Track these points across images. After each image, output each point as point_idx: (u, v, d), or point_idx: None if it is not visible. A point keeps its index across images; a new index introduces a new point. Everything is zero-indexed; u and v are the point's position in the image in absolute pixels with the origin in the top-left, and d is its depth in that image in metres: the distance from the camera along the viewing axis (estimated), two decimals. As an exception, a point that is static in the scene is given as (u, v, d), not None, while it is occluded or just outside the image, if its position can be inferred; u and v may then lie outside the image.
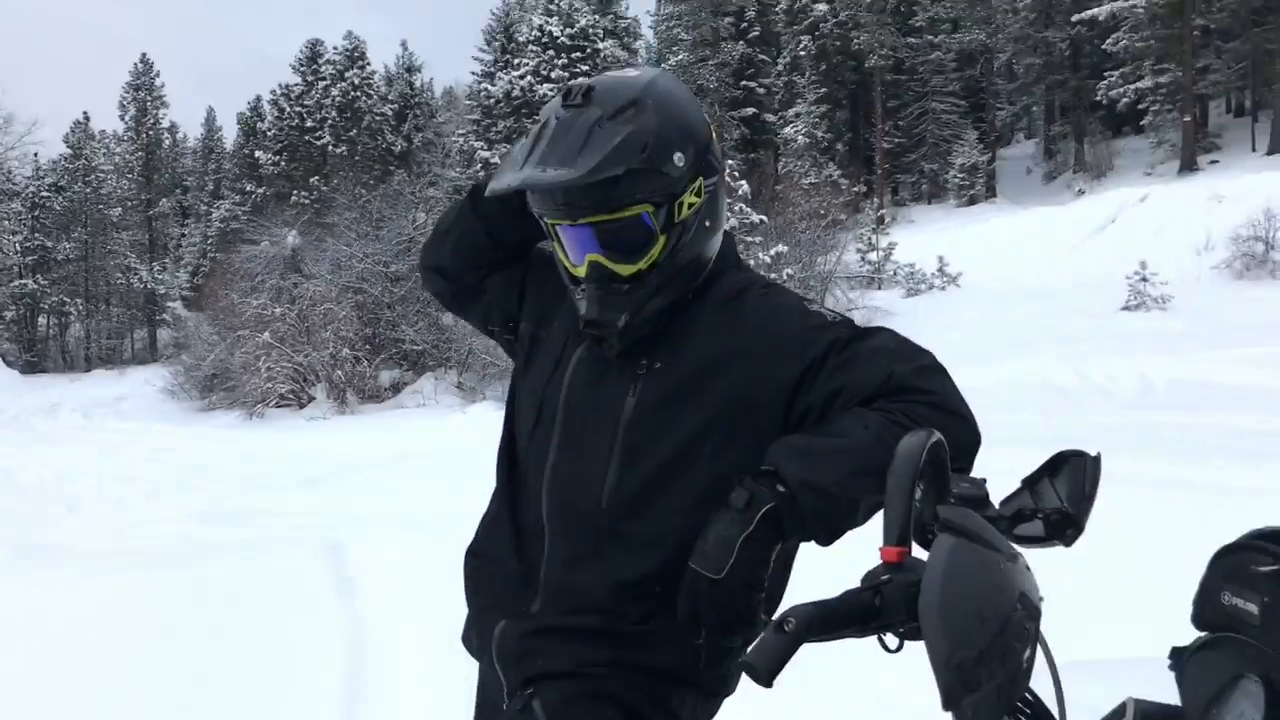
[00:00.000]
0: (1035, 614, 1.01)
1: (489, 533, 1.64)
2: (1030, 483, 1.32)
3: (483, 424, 18.30)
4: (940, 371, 1.42)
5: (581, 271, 1.50)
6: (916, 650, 1.05)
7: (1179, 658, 1.32)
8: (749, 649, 1.04)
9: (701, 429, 1.46)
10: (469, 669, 1.72)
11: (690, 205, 1.49)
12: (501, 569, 1.57)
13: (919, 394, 1.37)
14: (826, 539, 1.32)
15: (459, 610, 1.71)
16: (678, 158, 1.44)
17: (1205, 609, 1.29)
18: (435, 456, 14.23)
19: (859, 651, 1.28)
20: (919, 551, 1.07)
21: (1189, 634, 1.48)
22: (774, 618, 1.05)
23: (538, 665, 1.47)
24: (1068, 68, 42.68)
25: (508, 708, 1.48)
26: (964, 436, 1.35)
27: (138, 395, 28.16)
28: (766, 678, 1.02)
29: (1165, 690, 1.35)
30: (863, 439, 1.31)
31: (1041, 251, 24.12)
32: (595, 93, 1.44)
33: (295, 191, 45.46)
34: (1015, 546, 1.06)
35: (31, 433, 21.61)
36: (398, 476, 12.66)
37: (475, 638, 1.62)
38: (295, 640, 4.53)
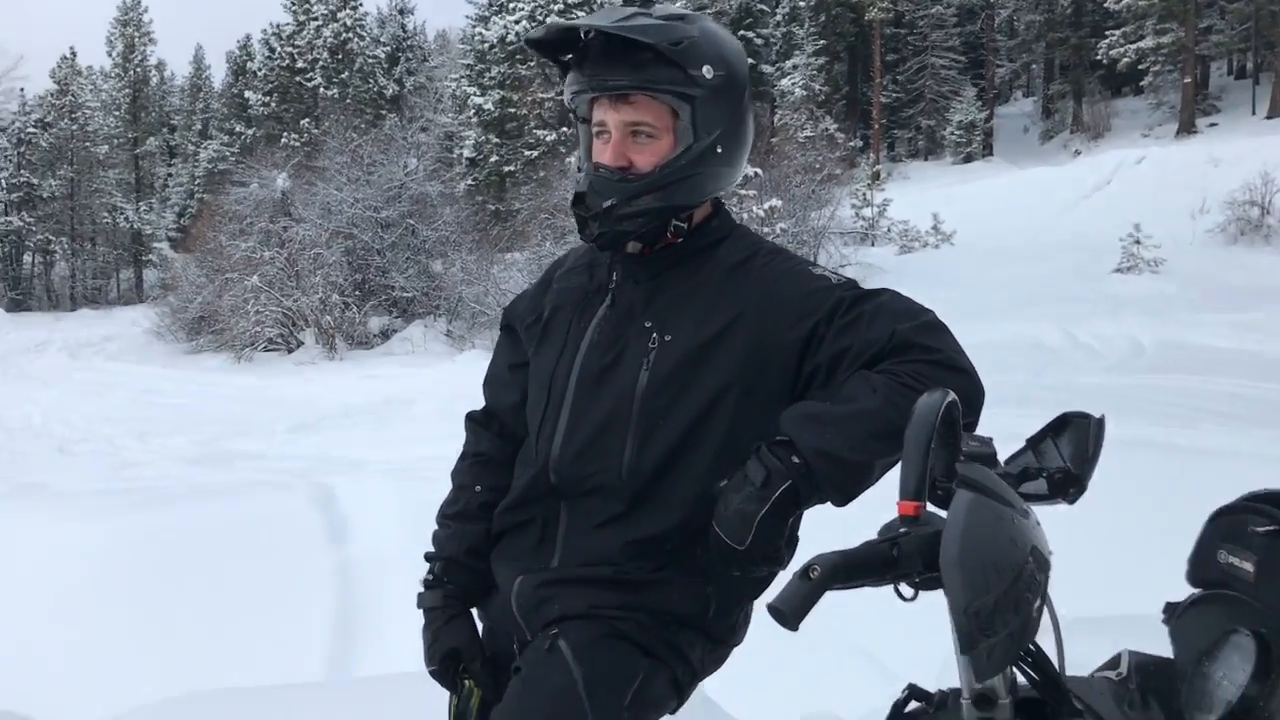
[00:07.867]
0: (1045, 566, 1.06)
1: (513, 497, 1.65)
2: (1034, 442, 1.35)
3: (471, 371, 18.25)
4: (941, 328, 1.46)
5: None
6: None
7: (1172, 612, 1.35)
8: (776, 595, 1.08)
9: (715, 396, 1.49)
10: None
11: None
12: (522, 532, 1.60)
13: (923, 352, 1.40)
14: (842, 501, 1.37)
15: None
16: (707, 69, 1.48)
17: (1200, 567, 1.32)
18: (423, 403, 14.23)
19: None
20: (931, 506, 1.11)
21: (1174, 594, 1.51)
22: (800, 566, 1.09)
23: (555, 610, 1.51)
24: (1069, 25, 42.23)
25: (531, 649, 1.51)
26: (970, 392, 1.38)
27: (124, 336, 28.04)
28: (793, 622, 1.06)
29: (1157, 646, 1.38)
30: (872, 403, 1.35)
31: (1036, 212, 24.07)
32: (653, 3, 1.51)
33: (285, 134, 44.96)
34: (1027, 503, 1.09)
35: (18, 370, 21.53)
36: (386, 422, 12.68)
37: (491, 591, 1.64)
38: (287, 582, 4.57)
